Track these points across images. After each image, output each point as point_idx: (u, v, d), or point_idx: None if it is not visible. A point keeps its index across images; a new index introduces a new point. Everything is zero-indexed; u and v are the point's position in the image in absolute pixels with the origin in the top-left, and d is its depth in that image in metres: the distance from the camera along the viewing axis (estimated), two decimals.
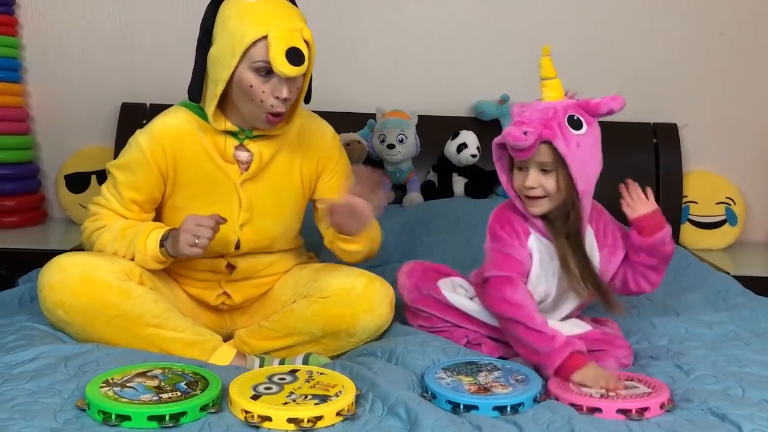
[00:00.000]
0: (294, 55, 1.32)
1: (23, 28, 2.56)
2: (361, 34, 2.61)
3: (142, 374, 1.18)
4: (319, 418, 1.07)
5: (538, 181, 1.37)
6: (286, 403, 1.10)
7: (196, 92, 1.43)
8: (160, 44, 2.56)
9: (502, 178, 1.45)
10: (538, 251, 1.43)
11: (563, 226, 1.42)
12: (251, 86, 1.35)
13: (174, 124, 1.45)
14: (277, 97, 1.36)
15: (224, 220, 1.38)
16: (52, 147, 2.63)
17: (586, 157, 1.36)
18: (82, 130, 2.60)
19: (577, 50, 2.59)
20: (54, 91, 2.61)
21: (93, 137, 2.60)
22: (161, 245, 1.38)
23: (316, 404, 1.10)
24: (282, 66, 1.31)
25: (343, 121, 2.39)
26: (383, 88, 2.60)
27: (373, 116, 2.49)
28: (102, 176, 2.56)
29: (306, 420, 1.07)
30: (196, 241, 1.32)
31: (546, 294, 1.45)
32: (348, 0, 2.59)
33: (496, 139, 1.42)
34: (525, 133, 1.32)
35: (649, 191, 1.46)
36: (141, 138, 1.45)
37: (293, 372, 1.22)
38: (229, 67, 1.35)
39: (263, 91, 1.36)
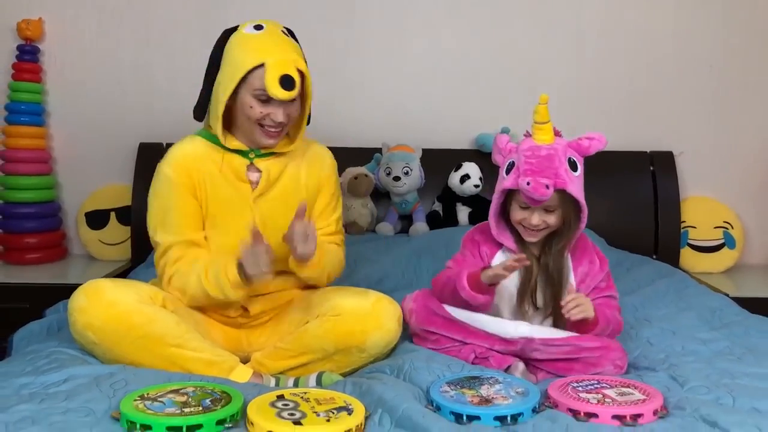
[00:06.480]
0: (286, 82, 1.49)
1: (47, 75, 2.69)
2: (367, 73, 2.72)
3: (176, 391, 1.28)
4: (360, 425, 1.20)
5: (542, 219, 1.53)
6: (329, 420, 1.18)
7: (199, 111, 1.61)
8: (176, 87, 2.67)
9: (495, 200, 1.57)
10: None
11: (538, 248, 1.58)
12: (251, 107, 1.53)
13: (190, 149, 1.61)
14: (273, 120, 1.53)
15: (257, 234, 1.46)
16: (73, 186, 2.74)
17: (580, 190, 1.53)
18: (102, 169, 2.71)
19: (574, 84, 2.70)
20: (75, 133, 2.73)
21: (112, 176, 2.72)
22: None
23: (349, 415, 1.20)
24: (275, 90, 1.48)
25: (350, 156, 2.50)
26: (389, 123, 2.70)
27: (379, 150, 2.59)
28: (120, 213, 2.67)
29: (354, 428, 1.18)
30: (263, 270, 1.45)
31: (509, 299, 1.60)
32: (354, 40, 2.71)
33: (518, 184, 1.48)
34: (547, 187, 1.45)
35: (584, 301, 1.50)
36: (164, 168, 1.58)
37: (281, 397, 1.27)
38: (229, 90, 1.52)
39: (261, 112, 1.53)
